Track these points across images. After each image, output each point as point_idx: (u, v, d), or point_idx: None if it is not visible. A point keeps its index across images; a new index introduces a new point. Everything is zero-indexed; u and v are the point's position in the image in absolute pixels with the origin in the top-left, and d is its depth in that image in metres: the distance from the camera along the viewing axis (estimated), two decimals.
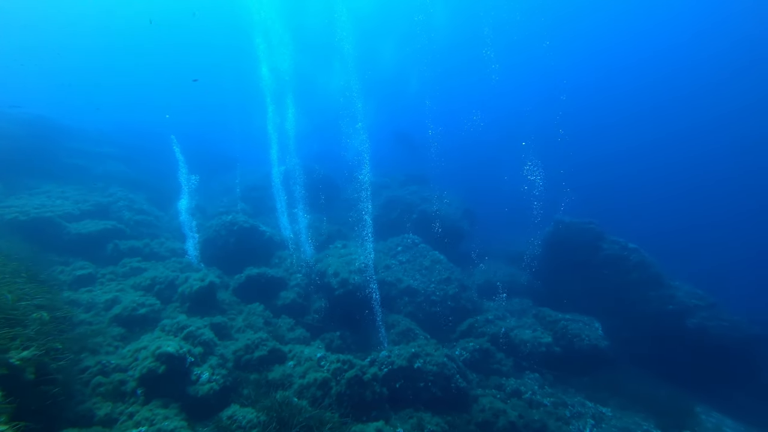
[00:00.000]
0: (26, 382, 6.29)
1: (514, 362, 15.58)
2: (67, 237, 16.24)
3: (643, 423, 13.80)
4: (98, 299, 12.86)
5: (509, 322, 17.39)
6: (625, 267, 20.15)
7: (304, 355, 11.54)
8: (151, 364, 8.91)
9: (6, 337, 6.27)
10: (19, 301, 7.30)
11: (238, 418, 8.67)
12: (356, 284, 15.50)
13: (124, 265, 15.63)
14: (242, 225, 18.66)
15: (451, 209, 26.77)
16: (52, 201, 18.09)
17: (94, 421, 7.83)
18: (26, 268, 9.39)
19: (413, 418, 10.80)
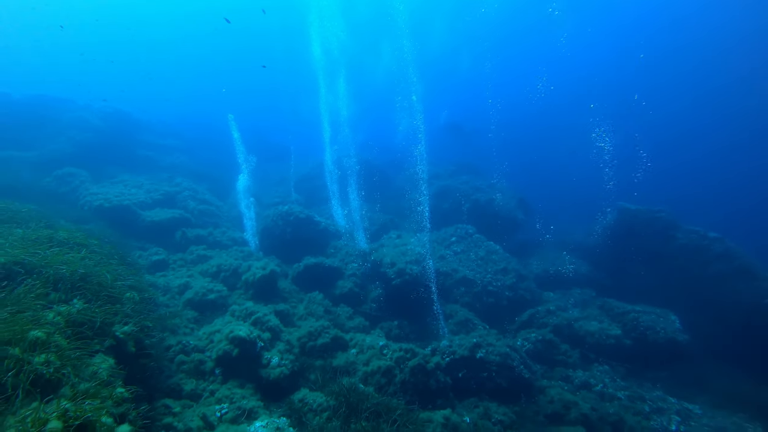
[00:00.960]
0: (128, 353, 7.07)
1: (581, 354, 15.35)
2: (142, 224, 17.57)
3: (746, 425, 12.61)
4: (172, 283, 13.90)
5: (572, 313, 17.20)
6: (706, 258, 19.22)
7: (366, 344, 12.06)
8: (225, 347, 9.66)
9: (110, 312, 7.05)
10: (116, 281, 8.10)
11: (309, 401, 9.28)
12: (413, 274, 15.90)
13: (192, 253, 16.70)
14: (298, 215, 19.40)
15: (505, 198, 26.49)
16: (129, 190, 19.59)
17: (183, 394, 8.64)
18: (116, 252, 10.32)
19: (479, 407, 11.14)
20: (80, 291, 7.17)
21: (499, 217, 24.86)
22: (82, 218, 15.97)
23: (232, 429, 7.05)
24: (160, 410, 7.38)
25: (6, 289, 6.63)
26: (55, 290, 6.97)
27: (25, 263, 7.15)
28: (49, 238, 8.71)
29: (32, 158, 23.69)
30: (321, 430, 8.29)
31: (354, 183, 24.43)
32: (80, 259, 7.93)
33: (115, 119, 29.81)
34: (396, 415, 8.85)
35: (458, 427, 9.73)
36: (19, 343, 5.35)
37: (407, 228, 24.79)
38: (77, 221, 14.97)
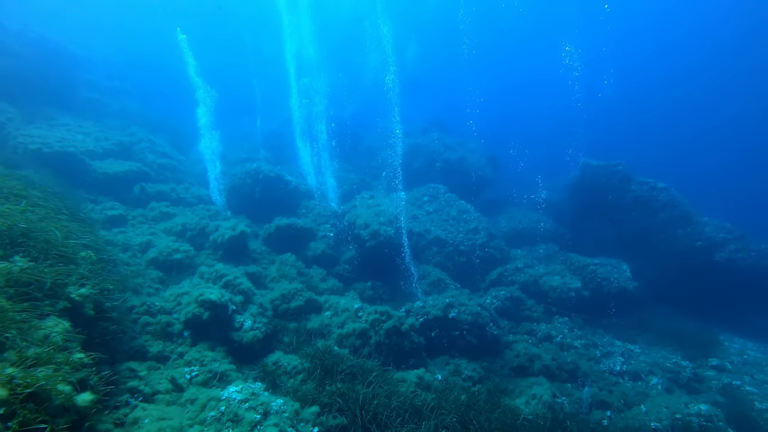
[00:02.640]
0: (87, 316, 6.52)
1: (545, 308, 16.33)
2: (93, 175, 16.34)
3: (671, 356, 14.66)
4: (132, 241, 13.11)
5: (538, 270, 18.06)
6: (654, 207, 20.60)
7: (341, 306, 11.84)
8: (195, 310, 9.16)
9: (62, 273, 6.44)
10: (67, 239, 7.42)
11: (283, 363, 9.00)
12: (387, 236, 15.77)
13: (153, 209, 15.84)
14: (267, 174, 18.71)
15: (475, 156, 26.63)
16: (73, 135, 17.98)
17: (148, 356, 8.15)
18: (65, 206, 9.52)
19: (450, 364, 11.76)
20: (23, 248, 6.48)
21: (470, 176, 25.15)
22: (15, 162, 14.49)
23: (204, 392, 6.64)
24: (124, 374, 6.90)
25: None
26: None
27: None
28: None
29: None
30: (295, 392, 8.01)
31: (324, 140, 23.77)
32: (20, 212, 7.18)
33: (43, 49, 26.57)
34: (372, 377, 8.73)
35: (431, 386, 10.04)
36: None
37: (378, 187, 24.55)
38: (8, 165, 13.51)
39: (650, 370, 13.49)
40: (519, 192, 27.98)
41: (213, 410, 6.03)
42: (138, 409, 6.01)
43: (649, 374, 13.31)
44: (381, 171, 27.08)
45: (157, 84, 34.02)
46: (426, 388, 9.81)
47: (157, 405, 6.41)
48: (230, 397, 6.29)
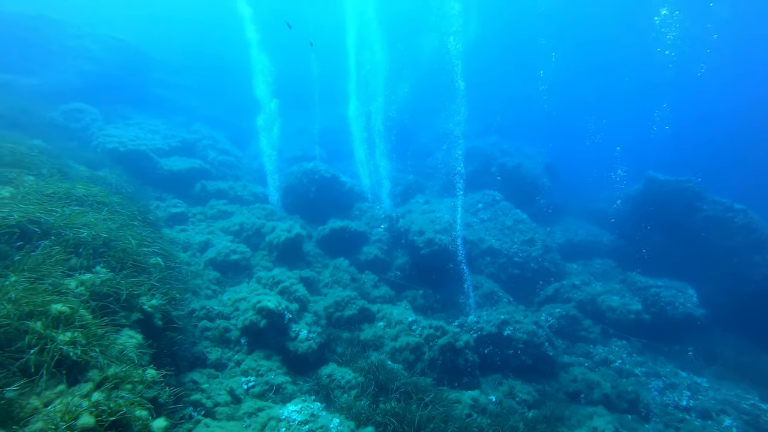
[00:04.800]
0: (156, 327, 6.78)
1: (602, 330, 15.70)
2: (160, 172, 17.19)
3: (746, 395, 13.43)
4: (192, 240, 13.63)
5: (595, 288, 17.37)
6: (728, 229, 19.15)
7: (394, 317, 11.85)
8: (252, 317, 9.39)
9: (135, 283, 6.70)
10: (140, 247, 7.74)
11: (337, 377, 9.07)
12: (442, 245, 15.66)
13: (212, 207, 16.40)
14: (323, 174, 18.93)
15: (532, 163, 25.99)
16: (144, 134, 19.12)
17: (207, 363, 8.44)
18: (139, 210, 9.94)
19: (503, 385, 11.59)
20: (103, 258, 6.81)
21: (526, 183, 24.54)
22: (95, 162, 15.54)
23: (261, 406, 6.79)
24: (188, 386, 7.17)
25: (22, 251, 6.29)
26: (76, 255, 6.61)
27: (42, 222, 6.76)
28: (67, 193, 8.31)
29: (34, 86, 22.71)
30: (349, 408, 8.09)
31: (379, 140, 23.85)
32: (102, 221, 7.55)
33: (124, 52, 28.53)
34: (429, 399, 8.70)
35: (486, 409, 9.90)
36: (41, 317, 5.02)
37: (431, 189, 24.46)
38: (90, 164, 14.53)
39: (722, 409, 12.59)
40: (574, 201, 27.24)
41: (273, 431, 6.15)
42: (201, 425, 6.20)
43: (721, 413, 12.43)
44: (434, 172, 26.93)
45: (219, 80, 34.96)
46: (481, 412, 9.71)
47: (219, 421, 6.59)
48: (290, 417, 6.40)
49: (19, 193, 7.51)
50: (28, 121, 17.05)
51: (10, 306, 4.84)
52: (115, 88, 24.86)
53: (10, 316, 4.69)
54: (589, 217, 24.83)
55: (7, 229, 6.23)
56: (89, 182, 9.74)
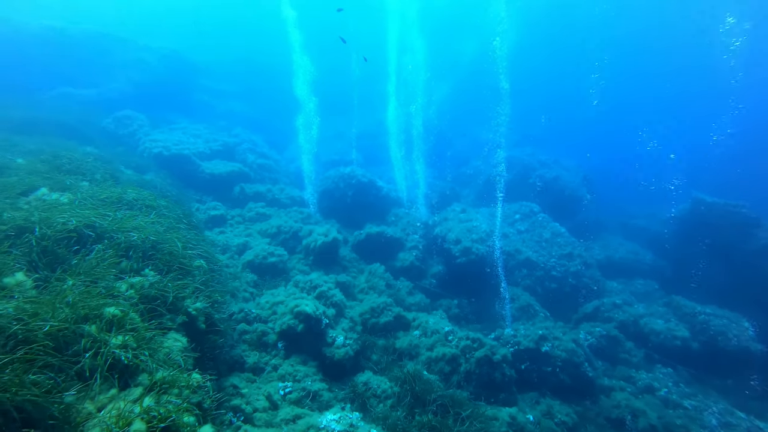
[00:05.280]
0: (199, 330, 6.96)
1: (645, 354, 15.05)
2: (201, 175, 17.72)
3: None
4: (231, 242, 13.94)
5: (638, 309, 16.71)
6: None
7: (430, 326, 11.78)
8: (290, 321, 9.53)
9: (181, 286, 6.89)
10: (185, 249, 7.95)
11: (373, 386, 9.11)
12: (479, 254, 15.56)
13: (250, 210, 16.74)
14: (360, 179, 19.04)
15: (570, 175, 25.54)
16: (188, 138, 19.79)
17: (245, 367, 8.61)
18: (184, 213, 10.23)
19: (540, 404, 11.17)
20: (152, 260, 7.04)
21: (564, 196, 24.10)
22: (142, 165, 16.19)
23: (304, 420, 6.87)
24: (228, 390, 7.33)
25: (78, 255, 6.55)
26: (126, 258, 6.86)
27: (96, 226, 7.05)
28: (118, 198, 8.64)
29: (91, 97, 24.42)
30: (385, 419, 8.13)
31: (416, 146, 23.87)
32: (150, 224, 7.81)
33: (173, 61, 30.03)
34: (465, 413, 8.66)
35: (524, 428, 9.71)
36: (95, 321, 5.22)
37: (466, 197, 24.33)
38: (137, 168, 15.19)
39: None
40: (613, 216, 26.60)
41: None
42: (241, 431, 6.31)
43: None
44: (470, 180, 26.78)
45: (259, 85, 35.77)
46: (519, 431, 9.57)
47: (258, 428, 6.71)
48: (329, 426, 6.48)
49: (76, 199, 7.83)
50: (84, 129, 18.02)
51: (68, 310, 5.05)
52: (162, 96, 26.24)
53: (68, 320, 4.90)
54: (629, 234, 24.26)
55: (66, 233, 6.52)
56: (137, 186, 10.08)
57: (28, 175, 9.12)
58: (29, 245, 6.15)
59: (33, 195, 8.16)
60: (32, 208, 7.10)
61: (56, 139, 14.59)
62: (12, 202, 7.48)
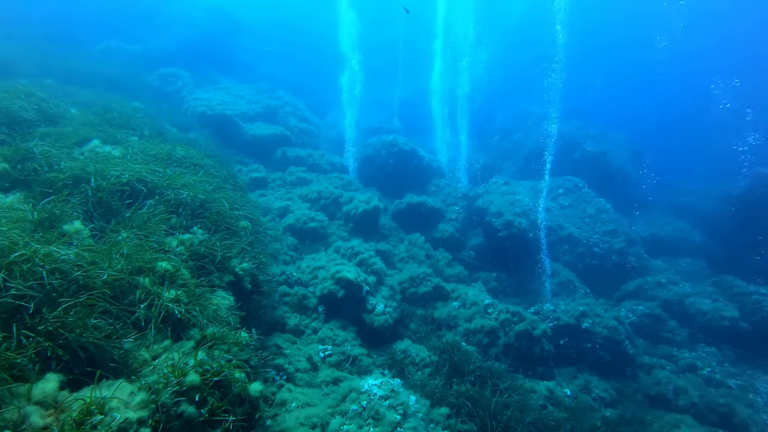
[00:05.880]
0: (245, 290, 7.04)
1: (689, 333, 14.72)
2: (244, 137, 17.84)
3: None
4: (272, 205, 14.07)
5: (684, 288, 16.28)
6: None
7: (469, 298, 11.70)
8: (331, 286, 9.59)
9: (228, 246, 6.95)
10: (232, 210, 8.00)
11: (412, 354, 9.15)
12: (521, 228, 15.34)
13: (291, 174, 16.78)
14: (402, 147, 18.83)
15: (618, 150, 24.75)
16: (231, 98, 19.89)
17: (286, 329, 8.74)
18: (229, 173, 10.31)
19: (577, 378, 11.26)
20: (200, 219, 7.12)
21: (611, 171, 23.44)
22: (185, 124, 16.40)
23: (346, 384, 6.92)
24: (271, 349, 7.46)
25: (131, 209, 6.66)
26: (176, 215, 6.94)
27: (147, 182, 7.14)
28: (168, 155, 8.74)
29: (136, 52, 24.88)
30: (423, 386, 8.19)
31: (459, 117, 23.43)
32: (199, 182, 7.86)
33: (218, 17, 29.95)
34: (504, 385, 8.70)
35: (561, 402, 9.69)
36: (148, 274, 5.31)
37: (507, 170, 23.87)
38: (181, 126, 15.39)
39: None
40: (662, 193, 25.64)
41: (354, 403, 6.27)
42: (284, 390, 6.45)
43: None
44: (512, 152, 26.22)
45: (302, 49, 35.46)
46: (556, 404, 9.53)
47: (300, 387, 6.82)
48: (370, 391, 6.49)
49: (128, 153, 7.95)
50: (130, 84, 18.34)
51: (124, 261, 5.15)
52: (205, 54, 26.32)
53: (123, 271, 5.00)
54: (678, 212, 23.38)
55: (120, 186, 6.63)
56: (184, 144, 10.17)
57: (82, 126, 9.31)
58: (85, 195, 6.28)
59: (87, 146, 8.32)
60: (87, 159, 7.23)
61: (105, 92, 14.86)
62: (68, 151, 7.65)
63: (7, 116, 8.31)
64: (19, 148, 6.99)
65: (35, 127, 8.71)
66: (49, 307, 4.17)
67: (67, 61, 18.34)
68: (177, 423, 3.92)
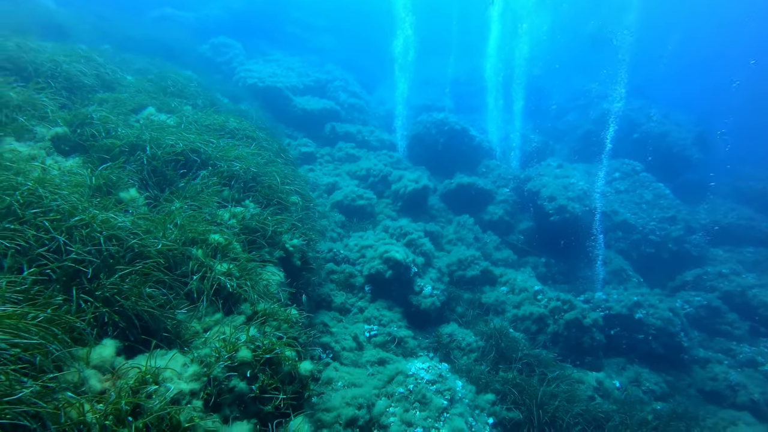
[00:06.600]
0: (294, 267, 6.99)
1: (750, 327, 13.94)
2: (293, 110, 17.82)
3: None
4: (320, 180, 14.04)
5: (747, 279, 15.38)
6: None
7: (518, 284, 11.42)
8: (379, 266, 9.47)
9: (279, 221, 6.89)
10: (283, 184, 7.94)
11: (458, 338, 9.00)
12: (574, 213, 14.76)
13: (340, 149, 16.69)
14: (453, 126, 18.36)
15: (681, 132, 23.30)
16: (282, 71, 19.90)
17: (332, 306, 8.71)
18: (280, 147, 10.26)
19: (627, 370, 10.91)
20: (252, 192, 7.09)
21: (672, 154, 22.28)
22: (236, 95, 16.50)
23: (393, 366, 6.80)
24: (319, 327, 7.43)
25: (185, 179, 6.68)
26: (228, 187, 6.93)
27: (201, 152, 7.14)
28: (221, 126, 8.73)
29: (188, 20, 25.23)
30: (468, 371, 8.06)
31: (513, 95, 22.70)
32: (251, 155, 7.83)
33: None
34: (552, 374, 8.53)
35: (610, 394, 9.54)
36: (201, 245, 5.30)
37: (560, 152, 23.08)
38: (231, 97, 15.49)
39: None
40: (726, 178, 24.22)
41: (401, 386, 6.17)
42: (330, 368, 6.38)
43: None
44: (565, 134, 25.33)
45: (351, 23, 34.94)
46: (605, 396, 9.38)
47: (346, 366, 6.76)
48: (417, 374, 6.38)
49: (182, 123, 7.98)
50: (182, 52, 18.60)
51: (177, 231, 5.14)
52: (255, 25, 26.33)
53: (176, 241, 5.00)
54: (742, 198, 22.13)
55: (174, 156, 6.65)
56: (236, 115, 10.17)
57: (137, 93, 9.45)
58: (141, 163, 6.34)
59: (142, 113, 8.43)
60: (143, 126, 7.28)
61: (158, 60, 15.10)
62: (124, 118, 7.76)
63: (68, 80, 8.48)
64: (79, 112, 7.10)
65: (94, 92, 8.88)
66: (106, 273, 4.20)
67: (122, 27, 18.72)
68: (228, 397, 3.90)
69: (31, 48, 8.90)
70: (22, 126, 6.34)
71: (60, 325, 3.52)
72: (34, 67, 8.19)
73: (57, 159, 6.25)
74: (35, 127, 6.50)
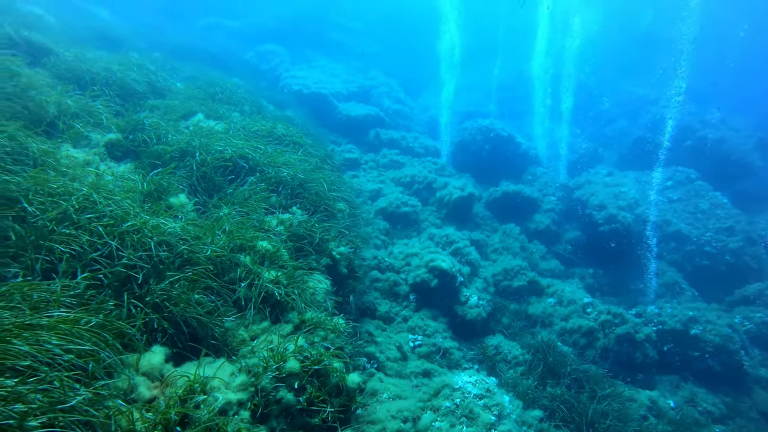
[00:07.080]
0: (340, 275, 6.91)
1: None
2: (338, 116, 17.94)
3: None
4: (364, 187, 13.99)
5: None
6: None
7: (566, 295, 11.03)
8: (424, 275, 9.31)
9: (326, 228, 6.82)
10: (330, 191, 7.88)
11: (504, 350, 8.75)
12: (625, 223, 14.28)
13: (384, 156, 16.63)
14: (499, 133, 18.01)
15: (740, 138, 22.14)
16: (326, 77, 20.15)
17: (376, 315, 8.59)
18: (326, 153, 10.25)
19: (681, 389, 10.40)
20: (299, 199, 7.05)
21: (729, 161, 21.13)
22: (282, 101, 16.68)
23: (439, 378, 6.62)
24: (364, 336, 7.33)
25: (233, 185, 6.72)
26: (276, 193, 6.92)
27: (249, 158, 7.17)
28: (269, 132, 8.78)
29: (235, 28, 26.06)
30: (515, 385, 7.79)
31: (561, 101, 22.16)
32: (298, 161, 7.81)
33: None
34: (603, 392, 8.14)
35: (664, 414, 9.10)
36: (249, 252, 5.27)
37: (608, 159, 22.32)
38: (277, 104, 15.64)
39: None
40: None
41: (447, 399, 5.98)
42: (375, 379, 6.28)
43: None
44: (615, 140, 24.51)
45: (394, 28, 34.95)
46: (658, 415, 8.95)
47: (391, 378, 6.63)
48: (464, 388, 6.18)
49: (230, 129, 8.06)
50: (228, 60, 19.05)
51: (225, 238, 5.13)
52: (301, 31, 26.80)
53: (225, 248, 4.98)
54: None
55: (223, 162, 6.69)
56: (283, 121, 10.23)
57: (187, 100, 9.66)
58: (190, 169, 6.41)
59: (191, 120, 8.59)
60: (192, 133, 7.40)
61: (206, 67, 15.48)
62: (174, 124, 7.90)
63: (122, 88, 8.74)
64: (131, 119, 7.27)
65: (145, 99, 9.12)
66: (155, 279, 4.21)
67: (172, 36, 19.36)
68: (275, 408, 3.82)
69: (88, 57, 9.24)
70: (78, 132, 6.52)
71: (111, 330, 3.52)
72: (90, 76, 8.47)
73: (110, 164, 6.40)
74: (90, 133, 6.67)
